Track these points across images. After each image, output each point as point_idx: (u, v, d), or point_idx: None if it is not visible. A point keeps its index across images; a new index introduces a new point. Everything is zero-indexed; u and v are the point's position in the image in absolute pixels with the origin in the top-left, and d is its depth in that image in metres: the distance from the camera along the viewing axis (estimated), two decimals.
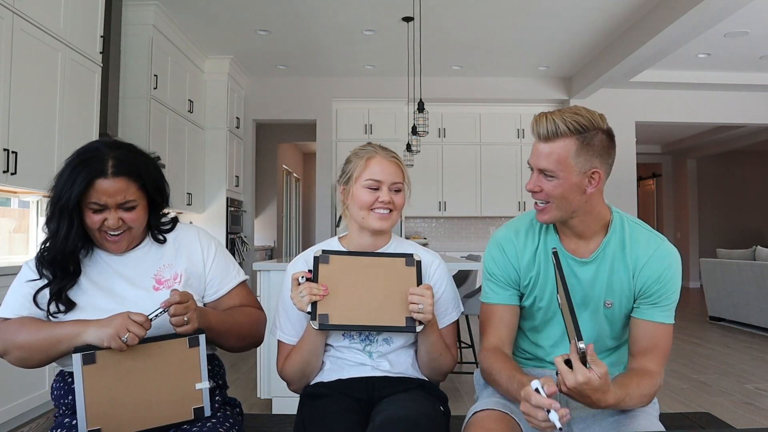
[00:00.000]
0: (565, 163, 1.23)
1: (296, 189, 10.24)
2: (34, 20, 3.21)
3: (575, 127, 1.22)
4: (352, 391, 1.36)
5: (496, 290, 1.39)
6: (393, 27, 5.51)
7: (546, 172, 1.25)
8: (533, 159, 1.28)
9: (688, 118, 7.39)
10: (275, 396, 3.01)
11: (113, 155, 1.23)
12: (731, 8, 4.38)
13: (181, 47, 5.58)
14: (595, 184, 1.25)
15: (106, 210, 1.22)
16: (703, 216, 10.41)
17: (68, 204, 1.20)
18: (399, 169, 1.45)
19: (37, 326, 1.21)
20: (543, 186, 1.26)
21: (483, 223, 7.90)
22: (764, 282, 5.37)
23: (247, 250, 6.80)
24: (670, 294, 1.28)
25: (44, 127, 3.35)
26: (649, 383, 1.20)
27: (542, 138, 1.24)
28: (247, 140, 7.12)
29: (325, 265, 1.37)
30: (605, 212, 1.33)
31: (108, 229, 1.24)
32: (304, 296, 1.31)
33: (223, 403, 1.38)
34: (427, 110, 4.85)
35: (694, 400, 3.30)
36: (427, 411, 1.26)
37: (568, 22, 5.42)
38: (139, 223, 1.28)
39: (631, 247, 1.30)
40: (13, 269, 2.73)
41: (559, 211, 1.28)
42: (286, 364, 1.43)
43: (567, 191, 1.25)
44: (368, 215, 1.43)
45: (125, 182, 1.23)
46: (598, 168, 1.24)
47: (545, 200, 1.27)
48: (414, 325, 1.32)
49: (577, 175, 1.24)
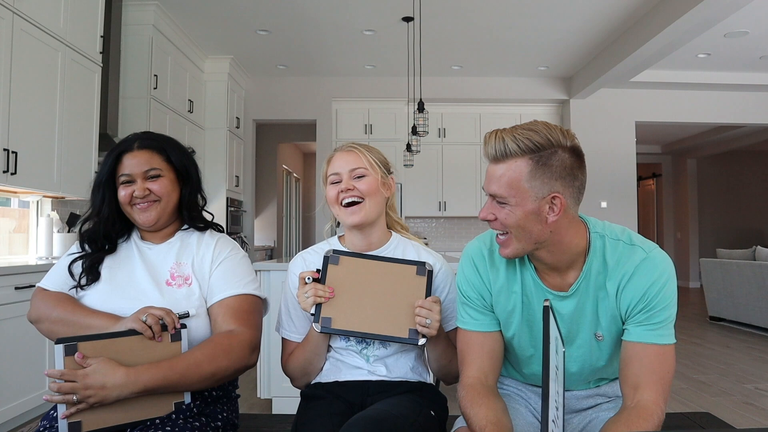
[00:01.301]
0: (518, 188, 1.06)
1: (296, 189, 10.24)
2: (34, 20, 3.21)
3: (527, 146, 1.05)
4: (347, 395, 1.35)
5: (473, 315, 1.23)
6: (393, 27, 5.51)
7: (497, 199, 1.10)
8: (485, 183, 1.12)
9: (688, 118, 7.39)
10: (275, 396, 3.01)
11: (140, 135, 1.41)
12: (731, 8, 4.38)
13: (181, 47, 5.58)
14: (557, 211, 1.08)
15: (133, 183, 1.35)
16: (703, 216, 10.41)
17: (101, 178, 1.37)
18: (357, 155, 1.41)
19: (72, 307, 1.30)
20: (497, 214, 1.11)
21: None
22: (764, 282, 5.37)
23: (247, 250, 6.80)
24: (660, 311, 1.10)
25: (44, 127, 3.35)
26: (643, 424, 1.02)
27: (491, 159, 1.09)
28: (247, 140, 7.12)
29: (334, 266, 1.34)
30: (579, 239, 1.15)
31: (136, 200, 1.35)
32: (309, 297, 1.29)
33: (198, 414, 1.28)
34: (427, 110, 4.84)
35: (694, 400, 3.30)
36: (403, 413, 1.21)
37: (568, 22, 5.42)
38: (165, 193, 1.37)
39: (613, 268, 1.14)
40: (13, 269, 2.73)
41: (520, 243, 1.11)
42: (289, 361, 1.44)
43: (522, 220, 1.08)
44: (340, 211, 1.40)
45: (149, 153, 1.37)
46: (559, 192, 1.07)
47: (502, 231, 1.12)
48: (417, 338, 1.29)
49: (533, 201, 1.07)
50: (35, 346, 2.83)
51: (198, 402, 1.29)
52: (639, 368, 1.09)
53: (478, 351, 1.22)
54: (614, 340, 1.19)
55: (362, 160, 1.40)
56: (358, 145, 1.45)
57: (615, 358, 1.22)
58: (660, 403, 1.07)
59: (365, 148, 1.44)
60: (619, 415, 1.08)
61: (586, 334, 1.19)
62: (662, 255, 1.15)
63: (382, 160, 1.45)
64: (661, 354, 1.09)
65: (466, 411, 1.14)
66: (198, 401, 1.29)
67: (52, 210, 3.85)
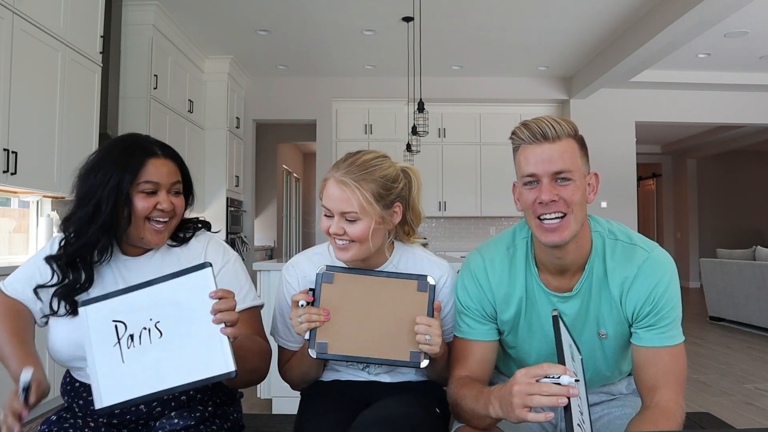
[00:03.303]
0: (576, 164, 1.09)
1: (296, 189, 10.24)
2: (34, 20, 3.21)
3: (573, 128, 1.11)
4: (349, 391, 1.34)
5: (471, 324, 1.23)
6: (393, 27, 5.51)
7: (563, 175, 1.07)
8: (540, 165, 1.08)
9: (688, 118, 7.39)
10: (275, 396, 3.00)
11: (153, 140, 1.25)
12: (731, 8, 4.38)
13: (181, 47, 5.57)
14: (595, 189, 1.13)
15: (157, 193, 1.19)
16: (703, 216, 10.41)
17: (122, 185, 1.15)
18: (348, 194, 1.20)
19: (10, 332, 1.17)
20: (561, 193, 1.07)
21: (483, 223, 7.90)
22: (764, 282, 5.37)
23: (247, 250, 6.80)
24: (667, 312, 1.11)
25: (44, 127, 3.35)
26: (668, 424, 1.03)
27: (543, 139, 1.08)
28: (247, 140, 7.12)
29: (328, 284, 1.24)
30: (587, 236, 1.16)
31: (158, 216, 1.19)
32: (303, 323, 1.20)
33: (213, 416, 1.27)
34: (427, 110, 4.85)
35: (694, 400, 3.30)
36: (412, 412, 1.19)
37: (568, 22, 5.42)
38: (181, 212, 1.25)
39: (614, 269, 1.14)
40: (13, 269, 2.73)
41: (577, 223, 1.09)
42: (286, 369, 1.39)
43: (583, 196, 1.09)
44: (331, 242, 1.28)
45: (174, 164, 1.23)
46: (594, 171, 1.15)
47: (561, 212, 1.08)
48: (419, 361, 1.21)
49: (583, 179, 1.10)
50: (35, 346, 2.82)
51: (211, 406, 1.27)
52: (654, 371, 1.10)
53: (470, 357, 1.22)
54: (618, 340, 1.19)
55: (353, 203, 1.20)
56: (352, 176, 1.21)
57: (619, 356, 1.23)
58: (680, 401, 1.08)
59: (361, 178, 1.21)
60: (642, 415, 1.09)
61: (589, 334, 1.19)
62: (664, 254, 1.15)
63: (379, 191, 1.22)
64: (674, 354, 1.11)
65: (455, 393, 1.15)
66: (210, 405, 1.27)
67: (52, 210, 3.85)
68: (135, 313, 1.06)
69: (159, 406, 1.21)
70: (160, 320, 1.05)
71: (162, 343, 1.04)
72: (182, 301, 1.05)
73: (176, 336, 1.05)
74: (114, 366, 1.04)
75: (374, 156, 1.27)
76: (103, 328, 1.06)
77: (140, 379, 1.03)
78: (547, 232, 1.09)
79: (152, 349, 1.04)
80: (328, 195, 1.23)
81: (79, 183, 1.20)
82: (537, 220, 1.10)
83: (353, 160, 1.25)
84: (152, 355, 1.04)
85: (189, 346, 1.04)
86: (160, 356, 1.04)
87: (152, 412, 1.21)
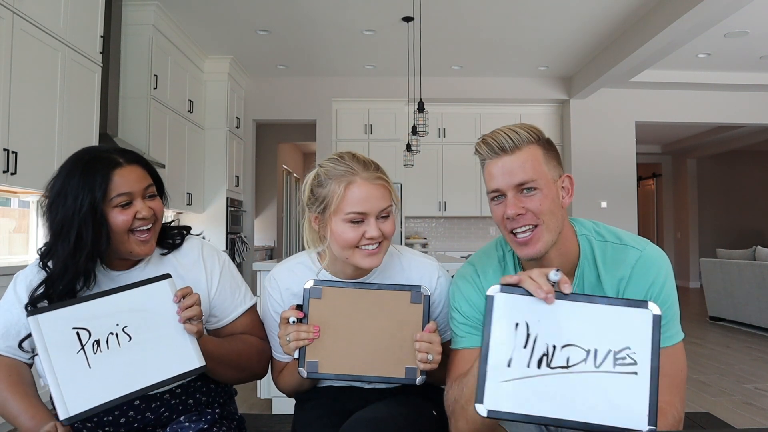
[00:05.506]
0: (541, 171, 1.06)
1: (296, 189, 10.24)
2: (34, 20, 3.21)
3: (534, 133, 1.08)
4: (344, 397, 1.33)
5: (470, 331, 1.17)
6: (393, 27, 5.51)
7: (527, 186, 1.05)
8: (501, 179, 1.06)
9: (688, 118, 7.39)
10: (275, 396, 3.00)
11: (111, 148, 1.19)
12: (731, 8, 4.38)
13: (181, 47, 5.58)
14: (569, 192, 1.10)
15: (132, 204, 1.15)
16: (703, 216, 10.41)
17: (95, 205, 1.10)
18: (386, 190, 1.18)
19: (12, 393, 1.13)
20: (527, 205, 1.05)
21: (483, 223, 7.90)
22: (764, 282, 5.37)
23: (247, 250, 6.80)
24: (665, 311, 1.05)
25: (44, 127, 3.35)
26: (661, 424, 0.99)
27: (502, 151, 1.06)
28: (247, 140, 7.12)
29: (316, 300, 1.18)
30: (572, 240, 1.13)
31: (139, 225, 1.15)
32: (291, 342, 1.16)
33: (221, 417, 1.28)
34: (427, 110, 4.84)
35: (694, 400, 3.30)
36: (400, 412, 1.17)
37: (568, 22, 5.42)
38: (161, 213, 1.21)
39: (606, 272, 1.11)
40: (13, 269, 2.73)
41: (550, 234, 1.06)
42: (279, 380, 1.37)
43: (552, 204, 1.06)
44: (353, 253, 1.19)
45: (140, 168, 1.18)
46: (567, 174, 1.11)
47: (531, 224, 1.06)
48: (414, 377, 1.16)
49: (552, 184, 1.07)
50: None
51: (218, 407, 1.28)
52: None
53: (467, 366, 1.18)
54: None
55: (390, 196, 1.18)
56: (380, 173, 1.19)
57: None
58: (675, 403, 1.04)
59: (386, 177, 1.20)
60: None
61: None
62: (656, 250, 1.13)
63: None
64: (671, 355, 1.06)
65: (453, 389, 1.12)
66: (217, 407, 1.28)
67: None
68: (98, 320, 1.07)
69: (167, 411, 1.21)
70: (127, 325, 1.09)
71: (132, 345, 1.08)
72: (147, 308, 1.10)
73: (145, 339, 1.09)
74: (79, 372, 1.04)
75: None
76: (62, 336, 1.05)
77: (112, 383, 1.05)
78: (520, 246, 1.08)
79: (122, 353, 1.07)
80: (361, 198, 1.15)
81: (50, 213, 1.13)
82: (510, 234, 1.09)
83: (359, 157, 1.22)
84: (123, 359, 1.07)
85: (159, 347, 1.09)
86: (131, 358, 1.07)
87: (160, 418, 1.21)
